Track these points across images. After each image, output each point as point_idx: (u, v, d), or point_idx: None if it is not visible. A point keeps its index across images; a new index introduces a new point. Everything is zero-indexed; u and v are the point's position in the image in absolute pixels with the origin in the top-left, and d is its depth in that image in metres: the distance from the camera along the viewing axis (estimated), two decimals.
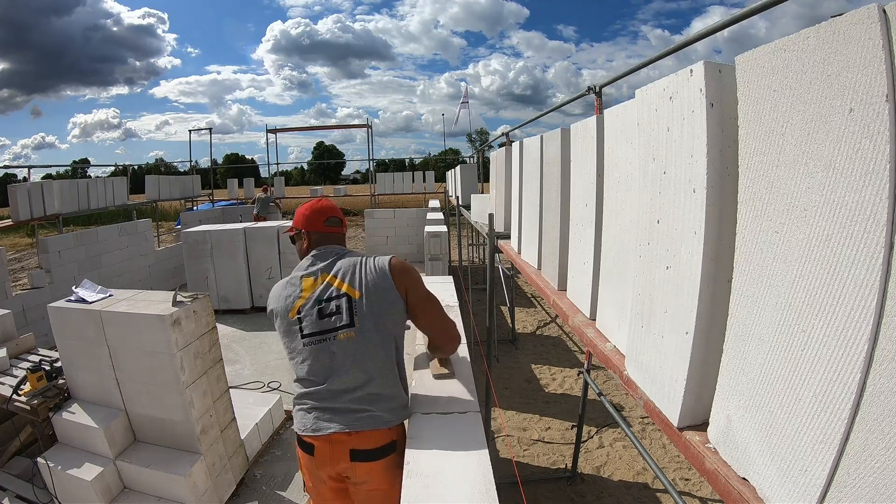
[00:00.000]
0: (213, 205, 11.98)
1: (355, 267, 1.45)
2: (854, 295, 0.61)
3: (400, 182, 12.58)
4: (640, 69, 1.92)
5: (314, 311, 1.40)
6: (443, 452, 1.32)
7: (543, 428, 3.84)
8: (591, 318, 1.65)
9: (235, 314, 5.89)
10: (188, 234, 5.96)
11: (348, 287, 1.41)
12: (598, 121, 1.51)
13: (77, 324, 2.36)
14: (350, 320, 1.38)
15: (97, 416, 2.36)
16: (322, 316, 1.40)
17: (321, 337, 1.39)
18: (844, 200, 0.62)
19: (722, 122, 0.88)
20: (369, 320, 1.38)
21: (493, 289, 3.36)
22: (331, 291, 1.42)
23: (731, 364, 0.87)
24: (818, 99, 0.65)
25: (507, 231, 3.30)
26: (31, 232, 12.22)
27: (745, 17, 1.23)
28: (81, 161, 52.28)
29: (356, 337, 1.37)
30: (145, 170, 25.17)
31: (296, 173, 48.14)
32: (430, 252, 5.70)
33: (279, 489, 2.72)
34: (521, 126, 4.80)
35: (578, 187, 1.73)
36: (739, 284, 0.84)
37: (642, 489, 3.07)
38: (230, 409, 2.64)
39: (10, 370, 2.69)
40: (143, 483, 2.36)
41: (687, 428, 1.00)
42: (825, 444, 0.65)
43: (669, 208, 1.02)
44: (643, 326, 1.15)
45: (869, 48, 0.57)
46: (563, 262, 1.96)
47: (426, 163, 38.16)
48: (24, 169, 20.23)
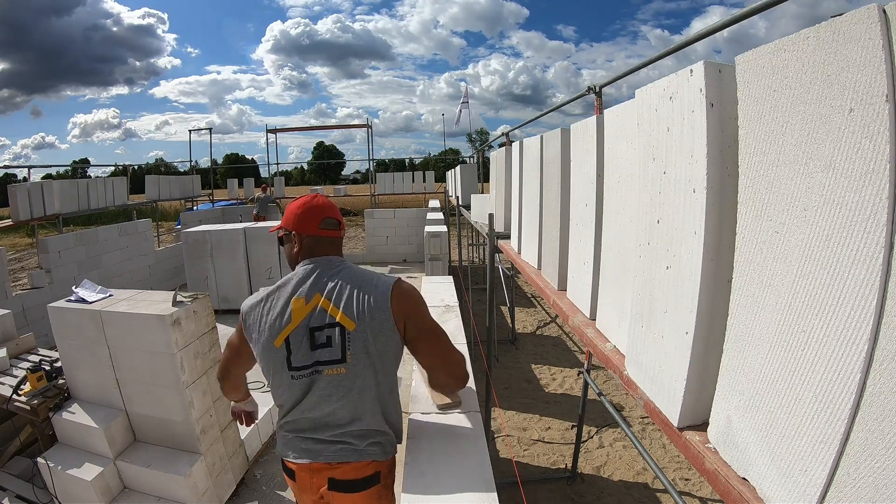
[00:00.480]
0: (213, 205, 11.97)
1: (353, 291, 1.26)
2: (854, 295, 0.61)
3: (400, 182, 12.58)
4: (639, 69, 1.92)
5: (304, 342, 1.24)
6: (443, 452, 1.32)
7: (543, 428, 3.84)
8: (591, 318, 1.65)
9: (235, 314, 5.85)
10: (188, 234, 5.96)
11: (342, 316, 1.23)
12: (598, 121, 1.50)
13: (77, 324, 2.36)
14: (342, 356, 1.23)
15: (97, 416, 2.36)
16: (313, 347, 1.24)
17: (311, 370, 1.24)
18: (844, 200, 0.62)
19: (722, 122, 0.88)
20: (363, 357, 1.24)
21: (493, 289, 3.36)
22: (323, 318, 1.25)
23: (731, 364, 0.87)
24: (818, 99, 0.65)
25: (507, 231, 3.30)
26: (31, 232, 12.22)
27: (745, 17, 1.23)
28: (81, 161, 52.33)
29: (346, 373, 1.24)
30: (145, 170, 25.12)
31: (296, 173, 48.18)
32: (430, 252, 5.70)
33: (279, 489, 2.72)
34: (521, 126, 4.81)
35: (578, 187, 1.73)
36: (739, 284, 0.84)
37: (642, 489, 3.07)
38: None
39: (10, 370, 2.70)
40: (143, 483, 2.36)
41: (687, 428, 1.00)
42: (825, 444, 0.65)
43: (669, 208, 1.02)
44: (643, 326, 1.15)
45: (869, 48, 0.57)
46: (563, 262, 1.96)
47: (426, 163, 38.16)
48: (24, 169, 20.23)
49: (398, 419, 1.38)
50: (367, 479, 1.28)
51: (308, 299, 1.27)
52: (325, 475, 1.28)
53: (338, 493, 1.28)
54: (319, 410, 1.26)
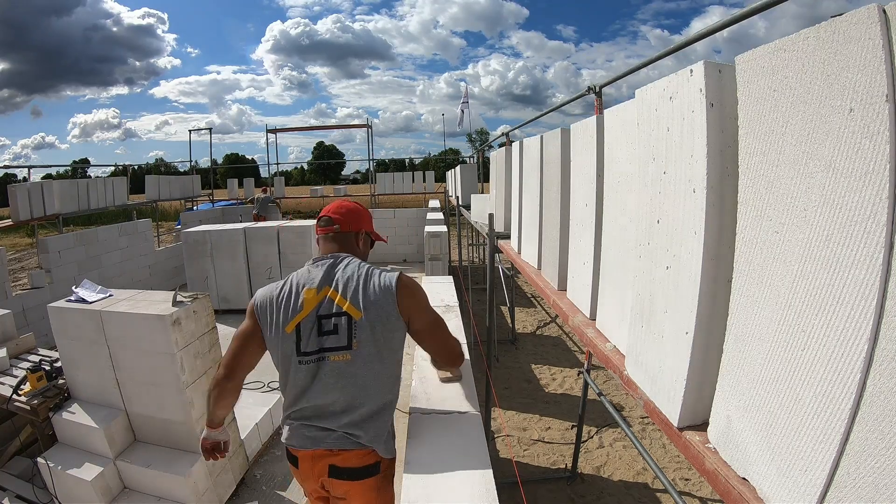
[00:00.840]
0: (213, 205, 11.97)
1: (359, 282, 1.34)
2: (854, 295, 0.61)
3: (400, 182, 12.58)
4: (639, 69, 1.92)
5: (313, 330, 1.31)
6: (443, 452, 1.32)
7: (543, 428, 3.84)
8: (591, 318, 1.65)
9: (235, 314, 5.88)
10: (188, 234, 5.96)
11: (350, 306, 1.31)
12: (598, 121, 1.50)
13: (77, 324, 2.36)
14: (348, 342, 1.29)
15: (97, 416, 2.36)
16: (320, 334, 1.31)
17: (318, 356, 1.31)
18: (844, 200, 0.62)
19: (722, 122, 0.88)
20: (369, 344, 1.30)
21: (493, 289, 3.36)
22: (330, 307, 1.32)
23: (731, 364, 0.87)
24: (818, 99, 0.65)
25: (507, 231, 3.30)
26: (31, 232, 12.22)
27: (745, 17, 1.23)
28: (81, 161, 52.29)
29: (351, 360, 1.30)
30: (145, 170, 25.14)
31: (296, 173, 48.15)
32: (430, 252, 5.70)
33: (279, 489, 2.72)
34: (521, 126, 4.80)
35: (578, 187, 1.73)
36: (739, 284, 0.84)
37: (642, 489, 3.07)
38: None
39: (10, 370, 2.70)
40: (143, 483, 2.36)
41: (687, 428, 1.00)
42: (825, 444, 0.65)
43: (669, 208, 1.02)
44: (643, 326, 1.15)
45: (869, 48, 0.57)
46: (563, 261, 1.96)
47: (426, 163, 38.15)
48: (24, 169, 20.25)
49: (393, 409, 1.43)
50: (368, 468, 1.32)
51: (319, 290, 1.35)
52: (326, 462, 1.32)
53: (338, 481, 1.32)
54: (323, 398, 1.31)
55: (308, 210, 16.32)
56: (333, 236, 1.48)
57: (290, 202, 15.27)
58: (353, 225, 1.50)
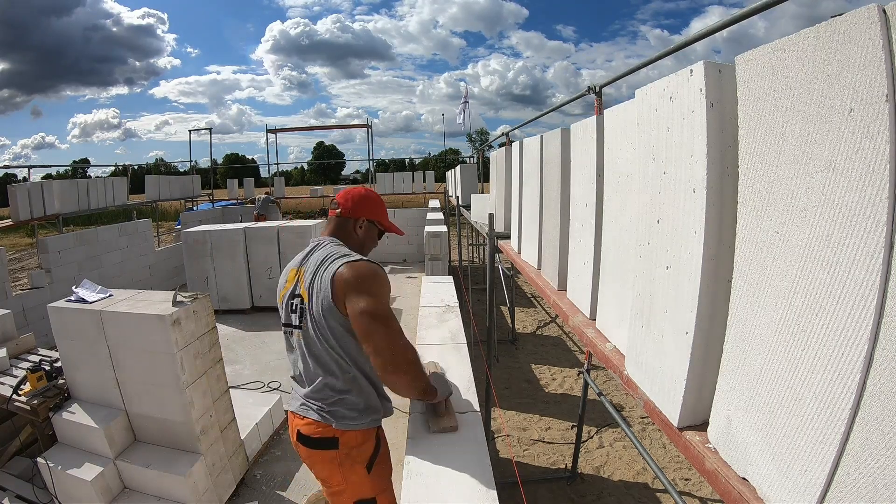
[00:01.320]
0: (213, 205, 11.97)
1: (317, 268, 1.41)
2: (854, 295, 0.61)
3: (400, 182, 12.57)
4: (639, 69, 1.92)
5: (287, 304, 1.48)
6: (443, 452, 1.32)
7: (543, 428, 3.84)
8: (591, 318, 1.65)
9: (235, 314, 5.89)
10: (188, 234, 5.96)
11: (304, 289, 1.43)
12: (598, 121, 1.50)
13: (77, 324, 2.36)
14: (299, 322, 1.43)
15: (97, 416, 2.36)
16: (291, 311, 1.46)
17: (288, 329, 1.48)
18: (844, 200, 0.62)
19: (722, 122, 0.88)
20: (313, 328, 1.39)
21: (493, 289, 3.36)
22: (296, 288, 1.46)
23: (731, 364, 0.87)
24: (818, 99, 0.65)
25: (507, 231, 3.30)
26: (31, 232, 12.22)
27: (745, 17, 1.23)
28: (81, 161, 52.33)
29: (303, 339, 1.42)
30: (145, 170, 25.12)
31: (296, 173, 48.18)
32: (430, 252, 5.71)
33: (279, 489, 2.72)
34: (521, 126, 4.79)
35: (578, 187, 1.73)
36: (739, 284, 0.84)
37: (642, 489, 3.07)
38: (230, 409, 2.63)
39: (10, 370, 2.69)
40: (143, 483, 2.36)
41: (687, 428, 1.00)
42: (825, 444, 0.65)
43: (669, 208, 1.02)
44: (643, 326, 1.15)
45: (869, 48, 0.57)
46: (563, 262, 1.96)
47: (426, 163, 38.18)
48: (24, 169, 20.21)
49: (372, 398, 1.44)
50: (322, 441, 1.38)
51: (298, 270, 1.49)
52: (295, 425, 1.45)
53: (301, 447, 1.44)
54: (296, 368, 1.49)
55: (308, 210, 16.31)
56: (335, 219, 1.56)
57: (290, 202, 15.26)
58: (354, 211, 1.54)
